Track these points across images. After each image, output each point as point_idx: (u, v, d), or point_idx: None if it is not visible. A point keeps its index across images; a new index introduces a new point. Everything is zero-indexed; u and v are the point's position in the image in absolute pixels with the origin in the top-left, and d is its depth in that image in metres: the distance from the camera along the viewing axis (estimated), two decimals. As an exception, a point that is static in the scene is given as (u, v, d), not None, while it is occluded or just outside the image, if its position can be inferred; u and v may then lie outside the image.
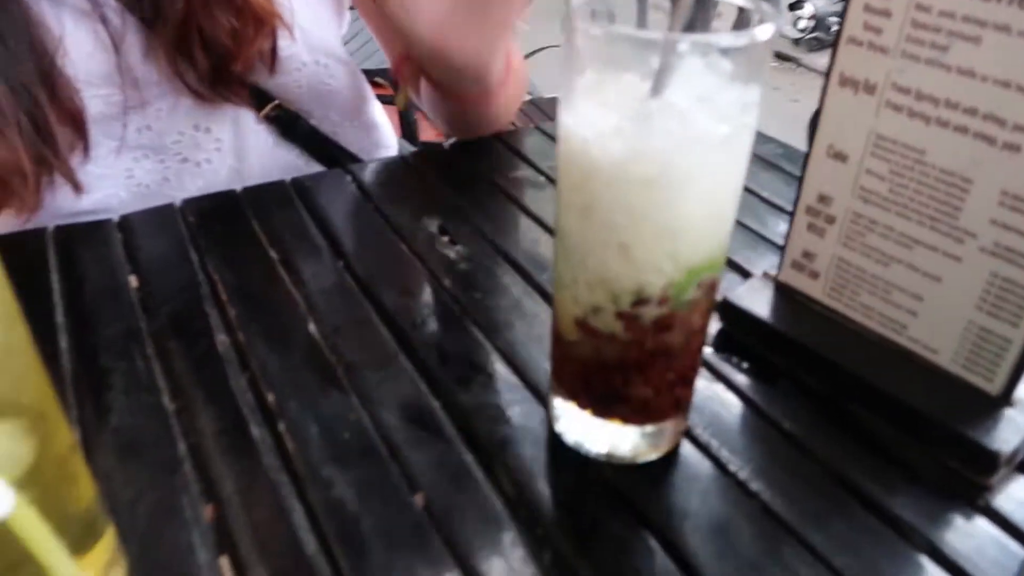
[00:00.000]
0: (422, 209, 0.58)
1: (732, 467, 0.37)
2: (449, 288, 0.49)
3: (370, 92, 0.77)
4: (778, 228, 0.56)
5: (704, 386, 0.42)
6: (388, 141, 0.80)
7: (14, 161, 0.52)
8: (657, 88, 0.29)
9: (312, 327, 0.46)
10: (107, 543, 0.32)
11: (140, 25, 0.58)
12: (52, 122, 0.55)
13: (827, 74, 0.40)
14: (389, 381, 0.42)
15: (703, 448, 0.38)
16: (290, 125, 0.70)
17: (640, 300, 0.32)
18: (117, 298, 0.48)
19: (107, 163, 0.63)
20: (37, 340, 0.45)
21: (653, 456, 0.37)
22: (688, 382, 0.36)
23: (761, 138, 0.69)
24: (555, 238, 0.34)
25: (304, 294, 0.48)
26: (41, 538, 0.26)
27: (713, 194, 0.31)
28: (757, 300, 0.45)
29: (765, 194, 0.60)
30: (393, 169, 0.63)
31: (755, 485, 0.36)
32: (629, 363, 0.34)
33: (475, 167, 0.64)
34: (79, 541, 0.30)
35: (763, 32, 0.28)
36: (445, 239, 0.54)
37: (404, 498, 0.36)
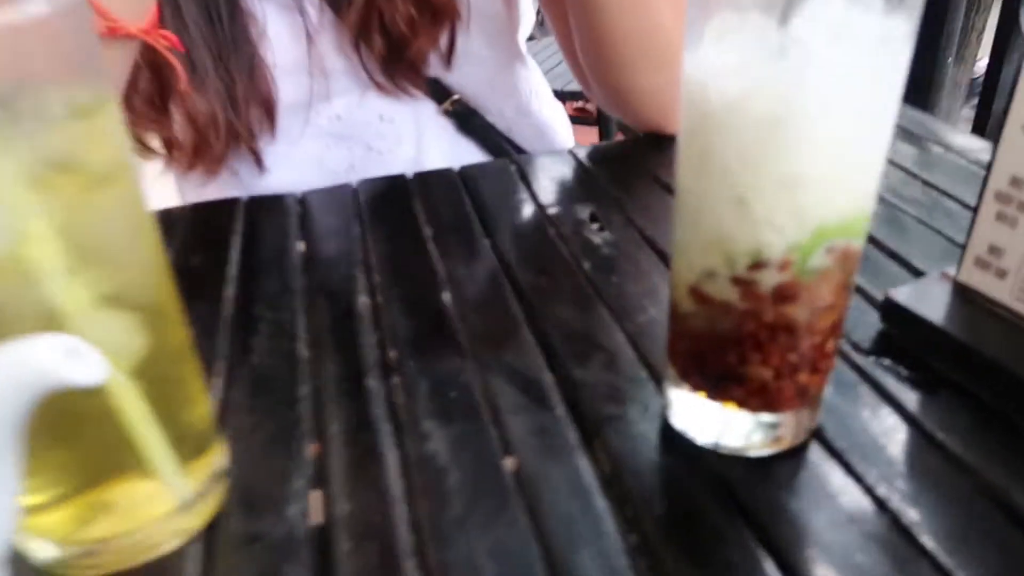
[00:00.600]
0: (577, 198, 0.57)
1: (864, 474, 0.32)
2: (588, 271, 0.48)
3: (546, 93, 0.78)
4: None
5: (848, 387, 0.37)
6: (563, 143, 0.80)
7: (210, 114, 0.59)
8: (786, 15, 0.26)
9: (446, 296, 0.46)
10: (213, 458, 0.34)
11: (333, 18, 0.64)
12: (245, 100, 0.62)
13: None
14: (507, 351, 0.41)
15: (833, 452, 0.34)
16: (467, 120, 0.72)
17: (758, 263, 0.29)
18: (282, 260, 0.52)
19: (301, 147, 0.69)
20: (207, 288, 0.50)
21: (768, 451, 0.33)
22: (816, 370, 0.32)
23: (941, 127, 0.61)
24: (675, 199, 0.32)
25: (446, 267, 0.49)
26: (137, 413, 0.28)
27: (844, 141, 0.27)
28: (928, 300, 0.39)
29: (955, 192, 0.53)
30: (558, 162, 0.63)
31: (888, 496, 0.31)
32: (745, 338, 0.31)
33: (641, 163, 0.63)
34: (186, 447, 0.32)
35: None
36: (595, 226, 0.53)
37: (495, 459, 0.35)
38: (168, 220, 0.59)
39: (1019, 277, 0.36)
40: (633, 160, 0.63)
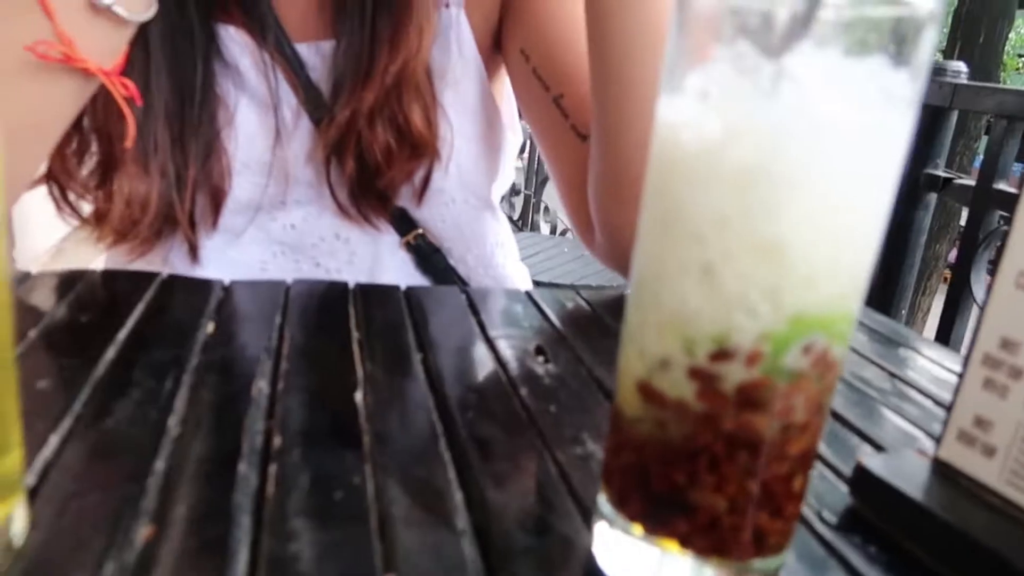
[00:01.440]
0: (525, 333, 0.52)
1: (832, 662, 0.25)
2: (524, 397, 0.42)
3: (512, 249, 0.76)
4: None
5: (812, 560, 0.31)
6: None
7: (145, 195, 0.54)
8: (782, 45, 0.23)
9: (358, 396, 0.40)
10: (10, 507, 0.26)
11: (310, 127, 0.62)
12: (193, 186, 0.58)
13: (1020, 188, 0.32)
14: (416, 461, 0.35)
15: (794, 627, 0.27)
16: (428, 257, 0.69)
17: (723, 352, 0.24)
18: (184, 335, 0.46)
19: (245, 250, 0.65)
20: (87, 347, 0.43)
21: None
22: (780, 513, 0.26)
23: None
24: (631, 274, 0.28)
25: (367, 369, 0.43)
26: None
27: (835, 206, 0.23)
28: (903, 474, 0.34)
29: (927, 388, 0.49)
30: (511, 299, 0.59)
31: None
32: (699, 452, 0.25)
33: (602, 313, 0.59)
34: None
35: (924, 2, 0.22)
36: (540, 359, 0.48)
37: (370, 574, 0.27)
38: (71, 279, 0.53)
39: (1011, 456, 0.32)
40: (592, 312, 0.59)
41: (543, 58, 0.64)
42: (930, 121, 1.41)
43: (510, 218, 3.30)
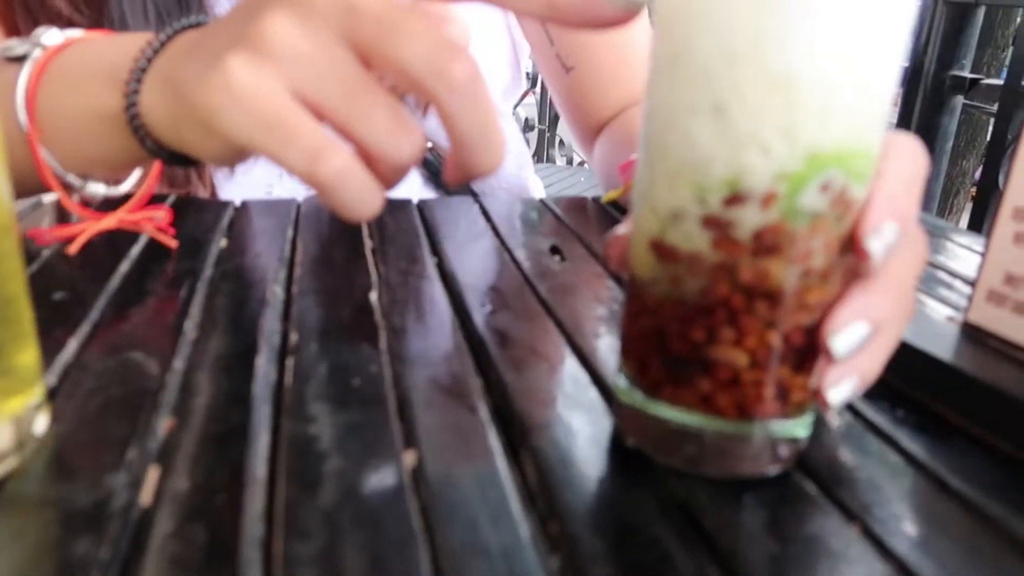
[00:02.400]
0: (540, 234, 0.52)
1: (862, 516, 0.25)
2: (541, 292, 0.42)
3: (528, 161, 0.75)
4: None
5: (842, 427, 0.30)
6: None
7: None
8: None
9: (373, 295, 0.40)
10: (20, 412, 0.26)
11: None
12: None
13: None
14: (433, 350, 0.35)
15: (824, 486, 0.26)
16: (438, 170, 0.68)
17: (736, 195, 0.23)
18: (196, 250, 0.45)
19: (252, 174, 0.64)
20: (100, 265, 0.43)
21: (737, 471, 0.26)
22: (803, 368, 0.25)
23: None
24: (641, 127, 0.26)
25: (382, 273, 0.43)
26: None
27: (848, 36, 0.22)
28: (933, 340, 0.33)
29: (957, 269, 0.48)
30: (525, 205, 0.58)
31: (894, 544, 0.24)
32: (716, 305, 0.24)
33: (616, 213, 0.58)
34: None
35: None
36: (555, 257, 0.47)
37: (391, 452, 0.27)
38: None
39: (1042, 310, 0.31)
40: (606, 213, 0.58)
41: None
42: (955, 19, 1.36)
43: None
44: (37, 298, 0.37)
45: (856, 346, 0.24)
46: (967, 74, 1.39)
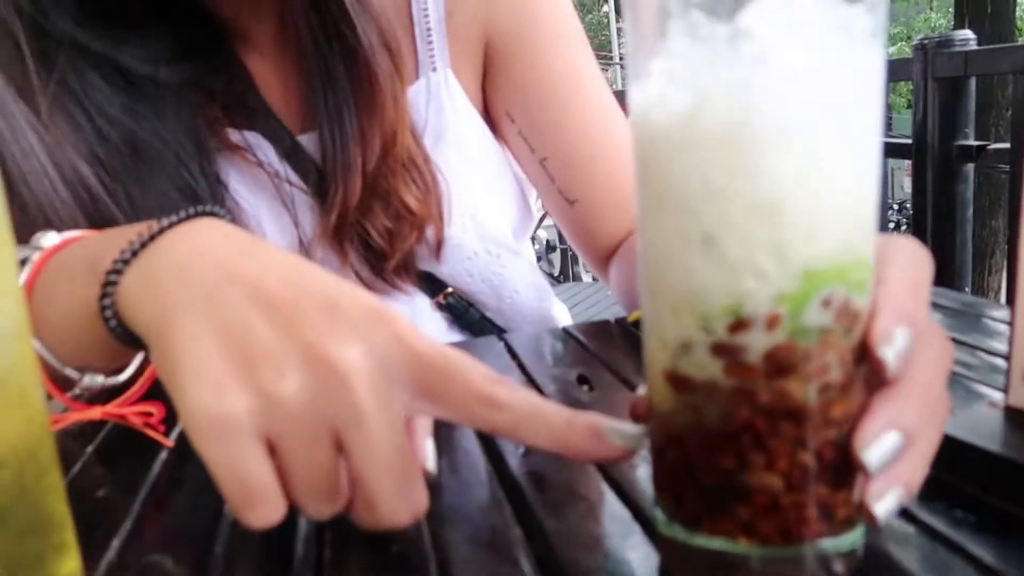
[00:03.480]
0: (567, 364, 0.52)
1: (931, 630, 0.24)
2: (573, 426, 0.41)
3: (549, 292, 0.76)
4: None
5: (893, 533, 0.29)
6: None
7: None
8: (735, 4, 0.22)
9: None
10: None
11: (317, 210, 0.63)
12: None
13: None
14: (469, 505, 0.34)
15: (884, 602, 0.25)
16: (462, 314, 0.69)
17: (740, 321, 0.23)
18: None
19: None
20: (140, 449, 0.44)
21: (794, 593, 0.25)
22: (840, 481, 0.25)
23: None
24: (638, 265, 0.27)
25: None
26: None
27: (821, 151, 0.23)
28: (979, 429, 0.32)
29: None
30: (548, 337, 0.59)
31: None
32: (740, 431, 0.24)
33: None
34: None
35: None
36: (584, 388, 0.47)
37: (435, 619, 0.26)
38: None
39: (1083, 386, 0.30)
40: (632, 336, 0.59)
41: (526, 120, 0.66)
42: (950, 93, 1.38)
43: (550, 275, 3.31)
44: (82, 496, 0.38)
45: (890, 457, 0.24)
46: (972, 142, 1.40)
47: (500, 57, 0.66)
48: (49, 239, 0.41)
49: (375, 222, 0.62)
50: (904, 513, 0.30)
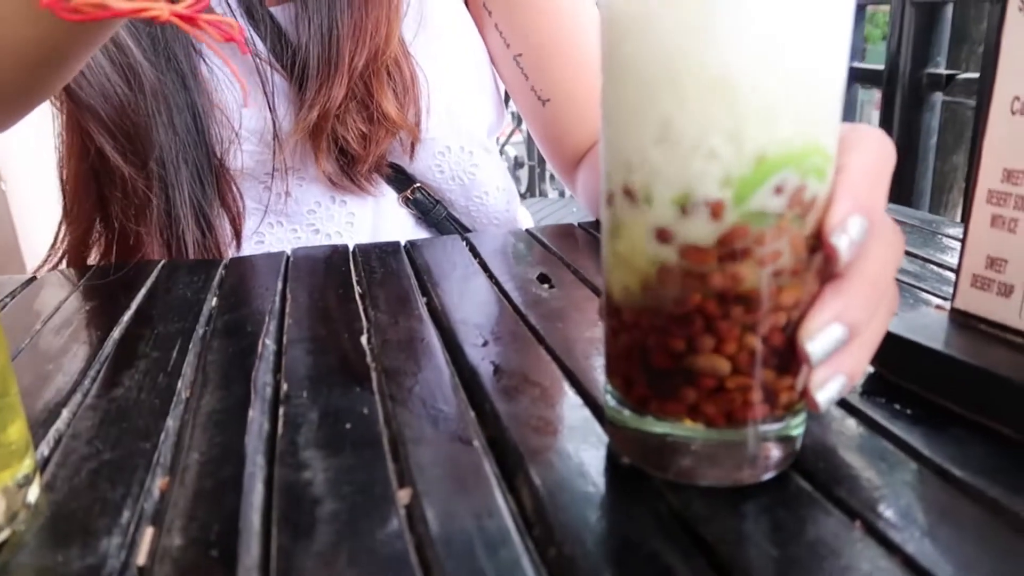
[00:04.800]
0: (529, 264, 0.52)
1: (864, 514, 0.25)
2: (531, 320, 0.42)
3: (516, 196, 0.75)
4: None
5: (833, 421, 0.30)
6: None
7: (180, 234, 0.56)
8: None
9: (363, 339, 0.40)
10: (12, 484, 0.26)
11: (290, 95, 0.61)
12: (215, 215, 0.58)
13: (1002, 7, 0.30)
14: (424, 388, 0.34)
15: (823, 487, 0.26)
16: (428, 210, 0.68)
17: (694, 204, 0.23)
18: (187, 310, 0.46)
19: (245, 224, 0.64)
20: (91, 331, 0.43)
21: (733, 478, 0.26)
22: (785, 367, 0.25)
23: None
24: (600, 145, 0.27)
25: (371, 316, 0.43)
26: None
27: (784, 35, 0.22)
28: (925, 331, 0.33)
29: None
30: (512, 237, 0.59)
31: (901, 539, 0.23)
32: (692, 314, 0.24)
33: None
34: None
35: None
36: (545, 285, 0.47)
37: (385, 491, 0.27)
38: (75, 275, 0.53)
39: (1027, 290, 0.30)
40: (594, 237, 0.59)
41: (503, 14, 0.64)
42: (925, 18, 1.37)
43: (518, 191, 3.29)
44: (32, 370, 0.38)
45: (832, 349, 0.24)
46: (943, 71, 1.40)
47: None
48: None
49: (350, 125, 0.60)
50: (845, 405, 0.31)
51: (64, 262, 0.63)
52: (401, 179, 0.67)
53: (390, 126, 0.61)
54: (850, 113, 1.74)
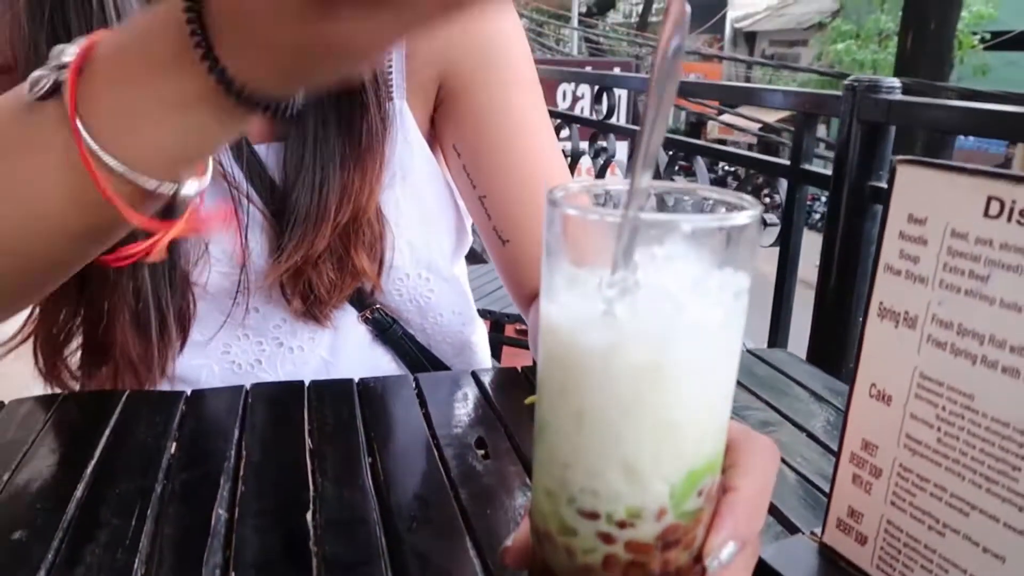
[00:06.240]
0: (470, 422, 0.56)
1: None
2: (463, 499, 0.46)
3: (474, 317, 0.79)
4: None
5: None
6: (481, 362, 0.80)
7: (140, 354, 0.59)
8: (619, 264, 0.27)
9: (308, 516, 0.44)
10: None
11: (267, 229, 0.65)
12: (168, 329, 0.62)
13: (866, 305, 0.36)
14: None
15: None
16: (386, 329, 0.73)
17: (638, 515, 0.29)
18: (148, 461, 0.49)
19: (211, 336, 0.68)
20: (57, 487, 0.46)
21: None
22: None
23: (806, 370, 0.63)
24: (534, 453, 0.32)
25: (318, 485, 0.47)
26: None
27: (713, 383, 0.29)
28: (796, 565, 0.38)
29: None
30: (458, 383, 0.63)
31: None
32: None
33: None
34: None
35: (742, 217, 0.27)
36: (480, 452, 0.52)
37: None
38: (41, 405, 0.56)
39: (878, 545, 0.36)
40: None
41: (471, 156, 0.68)
42: (869, 136, 1.46)
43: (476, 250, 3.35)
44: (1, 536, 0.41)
45: None
46: (884, 184, 1.49)
47: (453, 95, 0.68)
48: (68, 52, 0.33)
49: (323, 272, 0.64)
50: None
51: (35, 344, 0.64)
52: (362, 298, 0.71)
53: (357, 276, 0.65)
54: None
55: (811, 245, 1.88)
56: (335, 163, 0.62)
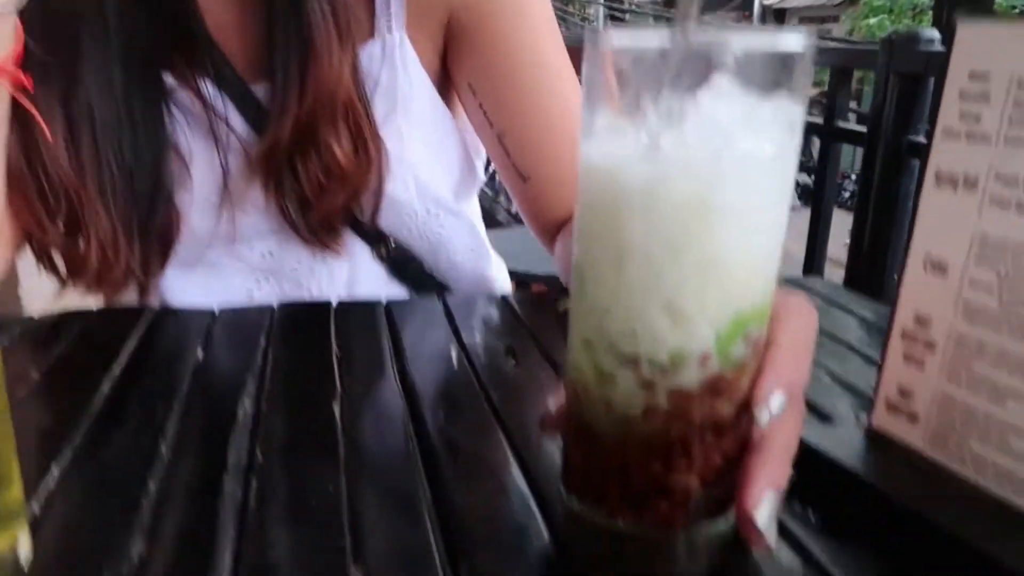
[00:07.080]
0: (499, 335, 0.55)
1: (759, 621, 0.28)
2: (493, 399, 0.45)
3: (489, 252, 0.78)
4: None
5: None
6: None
7: (113, 238, 0.58)
8: (664, 94, 0.26)
9: (336, 408, 0.43)
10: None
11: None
12: (141, 233, 0.61)
13: (920, 173, 0.34)
14: (387, 466, 0.38)
15: (727, 593, 0.30)
16: (403, 266, 0.72)
17: (685, 359, 0.27)
18: (173, 366, 0.49)
19: (231, 281, 0.68)
20: (82, 384, 0.46)
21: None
22: (732, 475, 0.29)
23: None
24: (570, 311, 0.30)
25: (345, 384, 0.46)
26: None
27: (763, 222, 0.27)
28: (842, 445, 0.36)
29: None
30: (486, 303, 0.62)
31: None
32: (673, 443, 0.28)
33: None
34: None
35: (796, 42, 0.25)
36: (510, 358, 0.51)
37: (342, 570, 0.30)
38: (69, 320, 0.56)
39: (931, 422, 0.34)
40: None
41: (487, 94, 0.66)
42: (907, 89, 1.42)
43: (508, 211, 3.32)
44: (26, 422, 0.40)
45: (772, 511, 0.28)
46: (923, 139, 1.45)
47: (465, 31, 0.67)
48: None
49: (308, 168, 0.62)
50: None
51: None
52: (376, 236, 0.70)
53: (343, 176, 0.63)
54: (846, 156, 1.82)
55: (840, 223, 1.84)
56: (293, 62, 0.60)
